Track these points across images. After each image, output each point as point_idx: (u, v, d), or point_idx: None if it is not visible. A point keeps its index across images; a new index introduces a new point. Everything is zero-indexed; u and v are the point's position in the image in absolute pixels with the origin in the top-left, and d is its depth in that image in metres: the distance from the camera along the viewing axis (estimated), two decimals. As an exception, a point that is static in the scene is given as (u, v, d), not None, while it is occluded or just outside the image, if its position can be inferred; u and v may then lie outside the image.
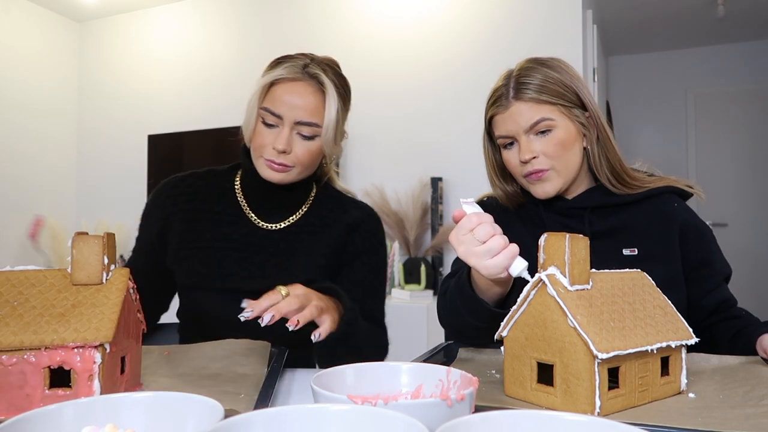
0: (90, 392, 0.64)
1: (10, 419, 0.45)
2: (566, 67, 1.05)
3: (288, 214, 1.18)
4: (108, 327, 0.66)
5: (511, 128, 1.02)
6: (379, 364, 0.67)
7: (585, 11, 3.11)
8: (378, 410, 0.46)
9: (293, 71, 1.10)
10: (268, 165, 1.09)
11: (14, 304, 0.68)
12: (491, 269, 0.79)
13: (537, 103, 1.00)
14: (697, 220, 1.09)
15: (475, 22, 3.29)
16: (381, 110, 3.46)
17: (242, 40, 3.86)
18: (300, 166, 1.11)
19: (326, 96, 1.09)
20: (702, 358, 0.86)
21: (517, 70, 1.05)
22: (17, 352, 0.64)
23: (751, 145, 4.83)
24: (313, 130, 1.09)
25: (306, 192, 1.21)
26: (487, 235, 0.79)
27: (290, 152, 1.08)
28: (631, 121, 5.16)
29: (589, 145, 1.05)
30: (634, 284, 0.76)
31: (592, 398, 0.63)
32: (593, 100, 1.05)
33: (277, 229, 1.17)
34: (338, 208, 1.22)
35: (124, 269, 0.75)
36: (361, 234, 1.20)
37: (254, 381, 0.78)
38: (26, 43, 4.03)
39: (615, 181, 1.06)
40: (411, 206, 3.26)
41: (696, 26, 4.52)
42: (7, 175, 3.87)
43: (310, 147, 1.10)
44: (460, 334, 0.99)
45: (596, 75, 3.28)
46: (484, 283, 0.87)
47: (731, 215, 4.87)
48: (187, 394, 0.52)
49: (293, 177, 1.12)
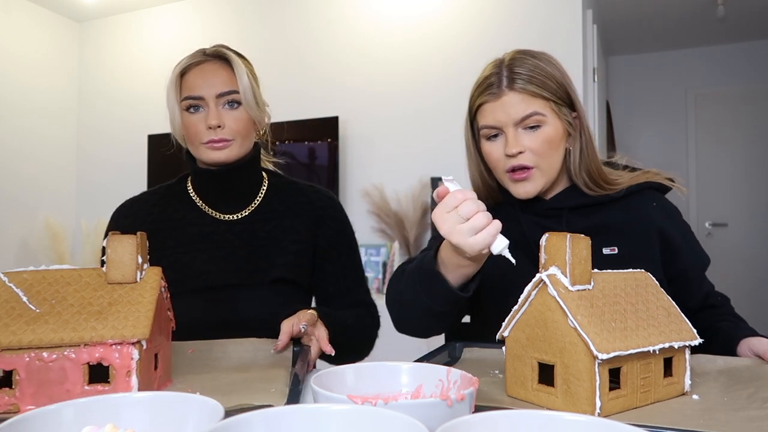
0: (128, 388, 0.67)
1: (10, 419, 0.45)
2: (557, 63, 1.02)
3: (246, 202, 1.21)
4: (144, 324, 0.68)
5: (501, 118, 0.97)
6: (379, 364, 0.67)
7: (585, 11, 3.11)
8: (378, 410, 0.46)
9: (196, 57, 1.16)
10: (209, 147, 1.13)
11: (52, 302, 0.70)
12: (474, 246, 0.77)
13: (530, 95, 0.96)
14: (674, 221, 1.07)
15: (475, 22, 3.29)
16: (381, 110, 3.46)
17: (242, 40, 3.85)
18: (238, 137, 1.14)
19: (233, 63, 1.14)
20: (708, 360, 0.85)
21: (509, 59, 1.00)
22: (57, 348, 0.66)
23: (751, 145, 4.83)
24: (235, 97, 1.14)
25: (257, 177, 1.24)
26: (471, 212, 0.76)
27: (224, 126, 1.12)
28: (631, 121, 5.16)
29: (571, 147, 1.02)
30: (638, 284, 0.75)
31: (592, 399, 0.63)
32: (581, 101, 1.02)
33: (239, 218, 1.19)
34: (298, 194, 1.25)
35: (156, 268, 0.77)
36: (328, 223, 1.24)
37: (282, 376, 0.79)
38: (26, 43, 4.03)
39: (592, 184, 1.03)
40: (411, 206, 3.26)
41: (696, 26, 4.52)
42: (7, 175, 3.86)
43: (238, 115, 1.14)
44: (407, 318, 0.98)
45: (596, 75, 3.28)
46: (453, 264, 0.84)
47: (731, 215, 4.87)
48: (187, 394, 0.52)
49: (237, 151, 1.15)
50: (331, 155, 3.45)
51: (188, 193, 1.23)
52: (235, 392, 0.72)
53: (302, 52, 3.68)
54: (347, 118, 3.51)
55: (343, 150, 3.50)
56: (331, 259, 1.23)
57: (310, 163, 3.52)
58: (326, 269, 1.23)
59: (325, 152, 3.47)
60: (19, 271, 0.72)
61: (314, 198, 1.25)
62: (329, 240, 1.23)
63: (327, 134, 3.44)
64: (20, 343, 0.65)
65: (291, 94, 3.67)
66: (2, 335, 0.66)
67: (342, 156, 3.50)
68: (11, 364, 0.66)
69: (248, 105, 1.15)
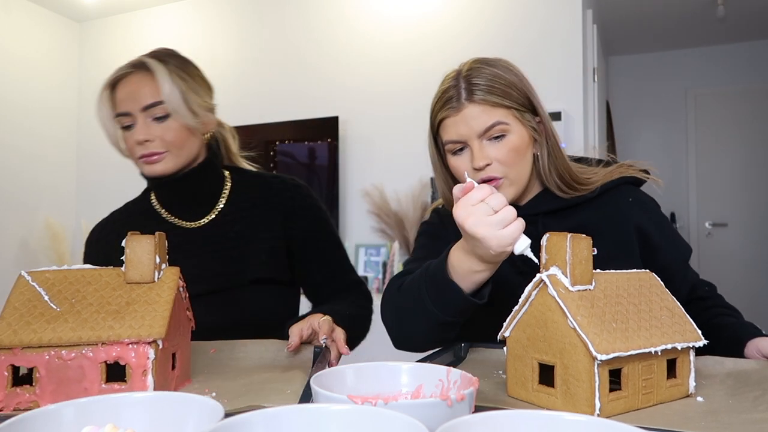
0: (144, 387, 0.67)
1: (9, 419, 0.45)
2: (515, 69, 0.99)
3: (210, 206, 1.20)
4: (160, 324, 0.69)
5: (464, 132, 0.95)
6: (379, 364, 0.67)
7: (585, 11, 3.11)
8: (378, 410, 0.46)
9: (122, 69, 1.14)
10: (144, 161, 1.12)
11: (72, 302, 0.71)
12: (503, 239, 0.74)
13: (491, 105, 0.94)
14: (650, 216, 1.05)
15: (475, 22, 3.29)
16: (381, 110, 3.46)
17: (242, 40, 3.86)
18: (173, 148, 1.11)
19: (154, 72, 1.11)
20: (716, 362, 0.84)
21: (466, 70, 0.98)
22: (76, 347, 0.68)
23: (751, 145, 4.83)
24: (162, 109, 1.10)
25: (218, 179, 1.22)
26: (501, 204, 0.75)
27: (153, 139, 1.10)
28: (631, 121, 5.16)
29: (538, 152, 1.00)
30: (641, 285, 0.75)
31: (591, 400, 0.63)
32: (543, 105, 1.00)
33: (207, 222, 1.18)
34: (264, 187, 1.23)
35: (174, 268, 0.78)
36: (299, 213, 1.21)
37: (300, 378, 0.79)
38: (26, 43, 4.03)
39: (564, 186, 1.01)
40: (411, 206, 3.26)
41: (696, 26, 4.52)
42: (7, 175, 3.86)
43: (168, 126, 1.10)
44: (409, 333, 0.94)
45: (596, 75, 3.28)
46: (465, 269, 0.82)
47: (731, 215, 4.87)
48: (188, 394, 0.52)
49: (174, 162, 1.12)
50: (331, 155, 3.45)
51: (153, 206, 1.22)
52: (251, 392, 0.72)
53: (302, 52, 3.68)
54: (347, 118, 3.51)
55: (343, 150, 3.50)
56: (311, 248, 1.22)
57: (310, 163, 3.52)
58: (308, 259, 1.22)
59: (325, 152, 3.47)
60: (42, 271, 0.74)
61: (281, 189, 1.23)
62: (303, 230, 1.21)
63: (327, 134, 3.44)
64: (40, 342, 0.67)
65: (291, 94, 3.67)
66: (24, 333, 0.67)
67: (342, 156, 3.50)
68: (32, 361, 0.67)
69: (177, 114, 1.10)
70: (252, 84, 3.77)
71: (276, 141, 3.56)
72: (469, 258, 0.81)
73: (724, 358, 0.85)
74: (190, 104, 1.12)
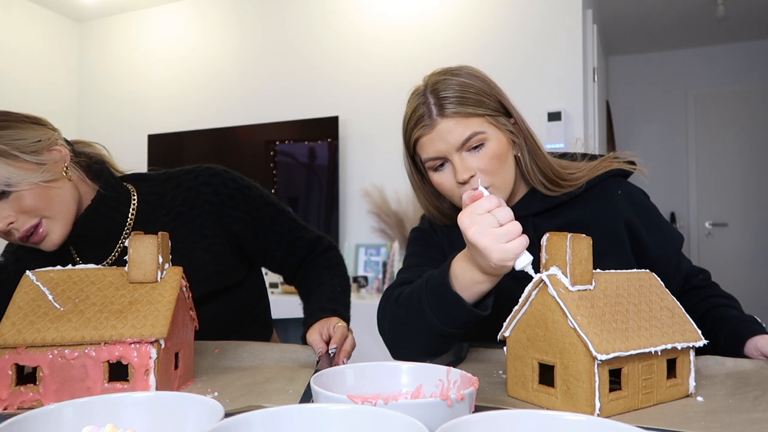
0: (146, 386, 0.68)
1: (10, 419, 0.45)
2: (480, 75, 0.97)
3: (119, 233, 1.06)
4: (163, 324, 0.70)
5: (442, 148, 0.92)
6: (379, 364, 0.67)
7: (585, 11, 3.11)
8: (378, 410, 0.46)
9: None
10: (33, 244, 0.97)
11: (76, 301, 0.72)
12: (506, 253, 0.73)
13: (465, 117, 0.91)
14: (639, 208, 1.04)
15: (475, 22, 3.29)
16: (381, 110, 3.46)
17: (242, 39, 3.86)
18: (46, 216, 0.96)
19: None
20: (716, 362, 0.84)
21: (432, 84, 0.95)
22: (79, 346, 0.68)
23: (751, 145, 4.82)
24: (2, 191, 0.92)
25: (117, 205, 1.06)
26: (508, 217, 0.74)
27: (14, 219, 0.93)
28: (631, 121, 5.15)
29: (519, 153, 0.98)
30: (641, 285, 0.75)
31: (591, 400, 0.63)
32: (515, 106, 0.99)
33: (117, 257, 1.07)
34: (175, 188, 1.11)
35: (177, 268, 0.78)
36: (227, 203, 1.10)
37: (303, 378, 0.80)
38: (26, 43, 4.03)
39: (549, 184, 1.00)
40: (411, 206, 3.25)
41: (696, 26, 4.52)
42: (7, 175, 3.86)
43: (17, 199, 0.93)
44: (407, 345, 0.92)
45: (596, 75, 3.27)
46: (467, 280, 0.80)
47: (731, 215, 4.87)
48: (188, 394, 0.52)
49: (60, 229, 0.98)
50: (331, 155, 3.45)
51: (72, 255, 1.09)
52: (253, 392, 0.72)
53: (302, 52, 3.68)
54: (347, 117, 3.51)
55: (343, 150, 3.50)
56: (258, 231, 1.13)
57: (310, 163, 3.52)
58: (260, 241, 1.13)
59: (325, 152, 3.47)
60: (46, 270, 0.75)
61: (195, 185, 1.10)
62: (242, 219, 1.11)
63: (327, 134, 3.44)
64: (44, 341, 0.68)
65: (291, 94, 3.67)
66: (28, 333, 0.68)
67: (342, 156, 3.50)
68: (36, 360, 0.68)
69: (19, 186, 0.92)
70: (252, 84, 3.77)
71: (276, 141, 3.56)
72: (471, 268, 0.80)
73: (725, 358, 0.85)
74: (21, 165, 0.93)
